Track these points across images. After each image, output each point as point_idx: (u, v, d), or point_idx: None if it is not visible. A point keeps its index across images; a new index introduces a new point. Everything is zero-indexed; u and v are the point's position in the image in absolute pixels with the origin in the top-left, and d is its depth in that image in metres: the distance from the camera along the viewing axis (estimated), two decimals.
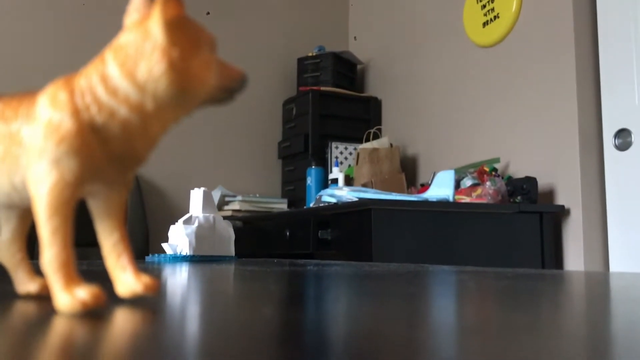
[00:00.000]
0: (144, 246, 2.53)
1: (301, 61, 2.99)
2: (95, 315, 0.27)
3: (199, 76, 0.29)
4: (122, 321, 0.26)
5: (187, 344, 0.20)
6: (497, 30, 2.35)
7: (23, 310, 0.30)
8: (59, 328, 0.24)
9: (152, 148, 0.31)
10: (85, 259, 0.99)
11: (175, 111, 0.30)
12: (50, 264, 0.28)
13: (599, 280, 0.54)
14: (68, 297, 0.27)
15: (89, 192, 0.31)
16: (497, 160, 2.25)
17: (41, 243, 0.28)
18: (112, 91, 0.29)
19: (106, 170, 0.30)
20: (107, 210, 0.32)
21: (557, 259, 2.07)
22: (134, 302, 0.32)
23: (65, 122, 0.29)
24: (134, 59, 0.29)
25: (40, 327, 0.25)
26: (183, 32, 0.29)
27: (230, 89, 0.30)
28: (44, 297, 0.34)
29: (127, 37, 0.29)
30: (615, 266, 1.95)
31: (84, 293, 0.27)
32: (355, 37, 3.23)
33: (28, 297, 0.35)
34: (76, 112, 0.29)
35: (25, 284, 0.35)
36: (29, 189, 0.29)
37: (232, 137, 3.02)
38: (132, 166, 0.31)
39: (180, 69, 0.28)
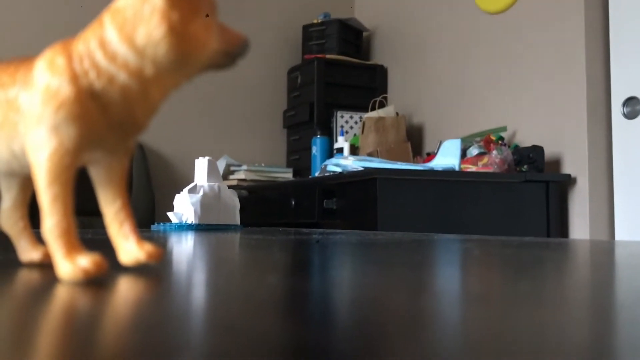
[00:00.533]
0: (150, 215, 2.54)
1: (306, 28, 2.96)
2: (97, 283, 0.27)
3: (199, 40, 0.28)
4: (125, 289, 0.26)
5: (191, 311, 0.20)
6: None
7: (26, 278, 0.30)
8: (62, 296, 0.24)
9: (152, 114, 0.30)
10: (90, 228, 1.00)
11: (176, 76, 0.29)
12: (51, 231, 0.28)
13: (604, 249, 0.54)
14: (70, 265, 0.27)
15: (89, 159, 0.31)
16: (503, 129, 2.24)
17: (42, 211, 0.28)
18: (111, 56, 0.28)
19: (106, 137, 0.29)
20: (109, 178, 0.32)
21: (562, 228, 2.07)
22: (138, 270, 0.32)
23: (64, 88, 0.28)
24: (132, 23, 0.28)
25: (42, 295, 0.25)
26: None
27: (231, 53, 0.30)
28: (46, 265, 0.34)
29: (125, 0, 0.29)
30: (620, 235, 1.95)
31: (85, 261, 0.27)
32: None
33: (31, 265, 0.35)
34: (74, 78, 0.28)
35: (28, 252, 0.35)
36: (28, 156, 0.29)
37: (237, 106, 3.01)
38: (133, 133, 0.30)
39: (180, 32, 0.28)
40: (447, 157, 1.99)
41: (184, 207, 1.01)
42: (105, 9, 0.29)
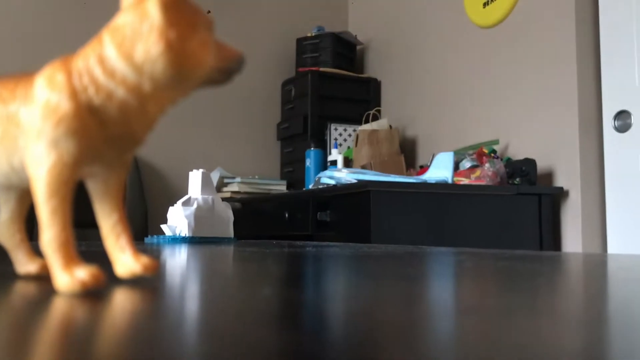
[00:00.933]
0: (143, 227, 2.54)
1: (300, 42, 2.97)
2: (94, 295, 0.27)
3: (196, 57, 0.29)
4: (122, 301, 0.27)
5: (185, 323, 0.20)
6: (497, 10, 2.33)
7: (23, 290, 0.30)
8: (59, 308, 0.24)
9: (149, 129, 0.31)
10: (85, 240, 0.99)
11: (173, 92, 0.30)
12: (50, 244, 0.28)
13: (597, 262, 0.54)
14: (67, 277, 0.27)
15: (87, 173, 0.31)
16: (496, 142, 2.25)
17: (40, 224, 0.29)
18: (110, 72, 0.29)
19: (104, 151, 0.30)
20: (106, 192, 0.32)
21: (555, 241, 2.08)
22: (133, 282, 0.32)
23: (63, 103, 0.28)
24: (131, 40, 0.28)
25: (40, 307, 0.25)
26: (180, 12, 0.29)
27: (227, 69, 0.30)
28: (43, 278, 0.34)
29: (124, 18, 0.29)
30: (613, 248, 1.96)
31: (83, 273, 0.27)
32: (352, 1, 3.20)
33: (28, 277, 0.35)
34: (74, 93, 0.29)
35: (25, 265, 0.35)
36: (28, 170, 0.29)
37: (231, 119, 3.01)
38: (130, 147, 0.31)
39: (177, 49, 0.28)
40: (440, 169, 2.00)
41: (178, 220, 1.01)
42: (105, 27, 0.30)
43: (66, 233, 0.29)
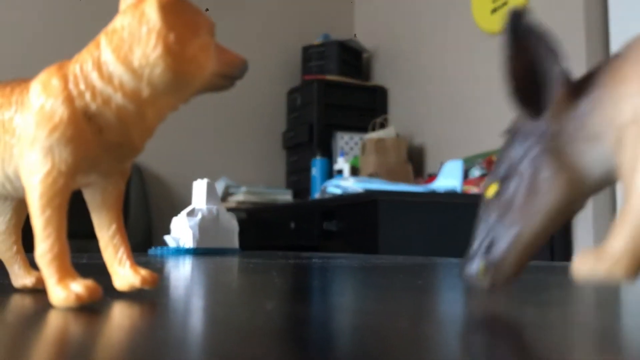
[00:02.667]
0: (147, 238, 2.53)
1: (306, 49, 2.98)
2: (92, 309, 0.26)
3: (196, 61, 0.28)
4: (120, 315, 0.26)
5: (186, 339, 0.19)
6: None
7: (18, 303, 0.30)
8: (55, 322, 0.24)
9: (148, 137, 0.30)
10: (86, 252, 0.99)
11: (172, 98, 0.29)
12: (44, 256, 0.27)
13: None
14: (62, 290, 0.27)
15: (84, 183, 0.30)
16: None
17: (35, 235, 0.28)
18: (107, 77, 0.28)
19: (101, 159, 0.29)
20: (104, 202, 0.31)
21: (566, 251, 2.05)
22: (133, 296, 0.31)
23: (58, 110, 0.28)
24: (128, 44, 0.28)
25: (35, 321, 0.24)
26: (180, 15, 0.28)
27: (229, 75, 0.29)
28: (39, 291, 0.33)
29: (121, 21, 0.28)
30: None
31: (78, 287, 0.26)
32: (355, 35, 3.20)
33: (24, 290, 0.34)
34: (70, 99, 0.28)
35: (21, 278, 0.35)
36: (22, 179, 0.28)
37: (236, 127, 3.01)
38: (128, 156, 0.30)
39: (176, 53, 0.27)
40: (448, 178, 1.99)
41: (182, 231, 1.00)
42: (102, 30, 0.29)
43: (61, 245, 0.28)
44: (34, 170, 0.28)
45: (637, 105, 0.23)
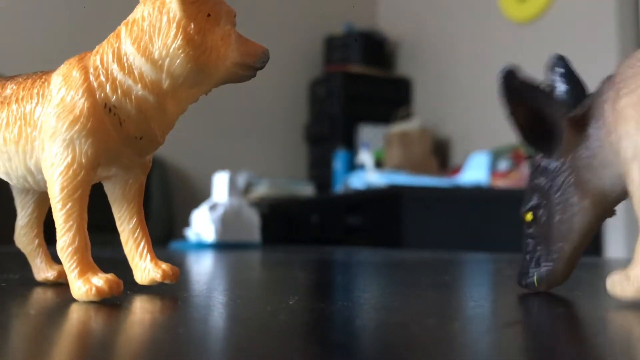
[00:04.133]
0: (168, 232, 2.55)
1: (328, 40, 2.96)
2: (113, 303, 0.26)
3: (217, 52, 0.27)
4: (140, 310, 0.25)
5: (207, 333, 0.19)
6: (534, 5, 2.28)
7: (41, 297, 0.30)
8: (75, 316, 0.24)
9: (168, 129, 0.30)
10: (110, 245, 0.99)
11: (193, 89, 0.28)
12: (65, 250, 0.27)
13: None
14: (83, 284, 0.26)
15: (105, 176, 0.30)
16: None
17: (56, 228, 0.27)
18: (127, 69, 0.28)
19: (122, 152, 0.29)
20: (124, 195, 0.31)
21: (596, 246, 2.01)
22: (154, 290, 0.31)
23: (79, 102, 0.27)
24: (149, 35, 0.27)
25: (57, 314, 0.24)
26: (201, 5, 0.27)
27: (250, 65, 0.28)
28: (62, 284, 0.33)
29: (141, 11, 0.28)
30: None
31: (99, 281, 0.26)
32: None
33: (46, 284, 0.34)
34: (90, 92, 0.28)
35: (43, 271, 0.35)
36: (43, 172, 0.28)
37: (257, 120, 3.02)
38: (149, 148, 0.30)
39: (197, 44, 0.27)
40: (474, 171, 1.96)
41: (204, 224, 1.00)
42: (123, 22, 0.29)
43: (82, 238, 0.27)
44: (55, 162, 0.27)
45: (636, 144, 0.27)
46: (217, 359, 0.16)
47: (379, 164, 2.60)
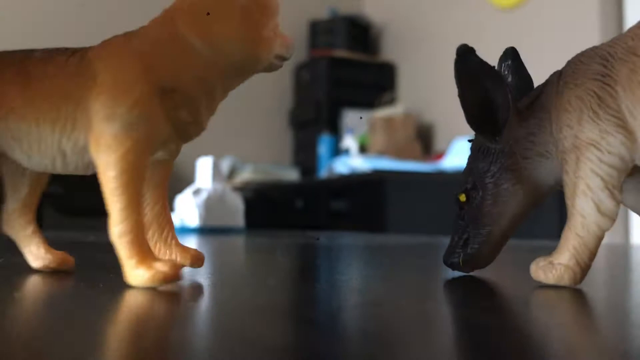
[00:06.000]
0: None
1: (313, 25, 2.95)
2: (96, 283, 0.26)
3: (268, 44, 0.28)
4: (124, 293, 0.26)
5: (191, 315, 0.19)
6: None
7: (39, 283, 0.29)
8: (130, 301, 0.23)
9: (211, 115, 0.30)
10: (93, 229, 0.99)
11: (239, 78, 0.29)
12: (123, 237, 0.26)
13: (619, 253, 0.52)
14: (146, 271, 0.26)
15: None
16: None
17: (110, 215, 0.27)
18: (184, 52, 0.28)
19: (171, 137, 0.29)
20: (151, 180, 0.31)
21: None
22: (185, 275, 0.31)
23: (137, 85, 0.27)
24: (211, 20, 0.27)
25: (111, 302, 0.24)
26: None
27: (284, 57, 0.29)
28: (62, 272, 0.32)
29: None
30: (636, 238, 1.93)
31: (164, 266, 0.26)
32: (361, 117, 3.12)
33: (45, 272, 0.32)
34: (147, 74, 0.27)
35: (41, 259, 0.33)
36: (95, 154, 0.27)
37: (241, 104, 3.00)
38: (194, 134, 0.30)
39: (255, 34, 0.28)
40: (457, 156, 1.98)
41: (188, 209, 1.00)
42: (173, 4, 0.29)
43: (140, 224, 0.27)
44: (113, 146, 0.26)
45: (575, 135, 0.28)
46: (198, 338, 0.16)
47: (363, 149, 2.60)
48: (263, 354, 0.14)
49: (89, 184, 0.32)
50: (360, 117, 2.66)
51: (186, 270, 0.34)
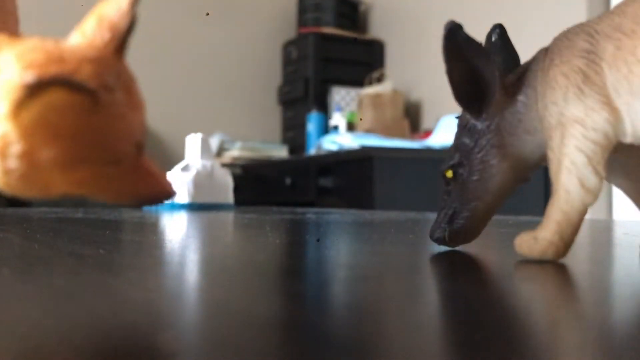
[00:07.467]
0: None
1: (301, 1, 2.92)
2: (81, 255, 0.26)
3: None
4: (118, 266, 0.26)
5: (178, 289, 0.20)
6: None
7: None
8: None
9: None
10: (81, 205, 0.99)
11: None
12: None
13: (602, 228, 0.53)
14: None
15: None
16: None
17: None
18: None
19: None
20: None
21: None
22: (128, 249, 0.31)
23: None
24: None
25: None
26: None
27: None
28: (47, 248, 0.33)
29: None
30: (618, 214, 1.95)
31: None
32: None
33: (32, 246, 0.34)
34: None
35: None
36: None
37: (230, 81, 2.98)
38: None
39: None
40: (445, 134, 1.98)
41: (177, 186, 1.00)
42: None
43: None
44: None
45: (560, 112, 0.28)
46: (184, 310, 0.17)
47: (351, 127, 2.60)
48: (249, 326, 0.15)
49: None
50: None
51: (175, 246, 0.34)
